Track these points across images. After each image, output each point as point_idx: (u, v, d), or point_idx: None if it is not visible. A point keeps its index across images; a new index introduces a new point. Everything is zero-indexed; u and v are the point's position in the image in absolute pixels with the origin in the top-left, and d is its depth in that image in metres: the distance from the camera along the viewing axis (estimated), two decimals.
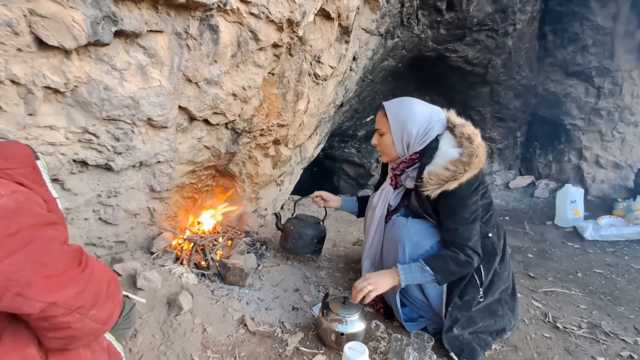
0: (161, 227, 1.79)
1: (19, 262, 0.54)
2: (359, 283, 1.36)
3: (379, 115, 1.48)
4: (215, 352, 1.26)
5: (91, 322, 0.64)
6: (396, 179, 1.53)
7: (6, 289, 0.54)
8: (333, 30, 1.98)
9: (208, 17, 1.29)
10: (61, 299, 0.58)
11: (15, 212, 0.54)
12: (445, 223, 1.36)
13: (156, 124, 1.38)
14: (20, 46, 0.92)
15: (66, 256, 0.62)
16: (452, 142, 1.40)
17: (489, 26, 3.33)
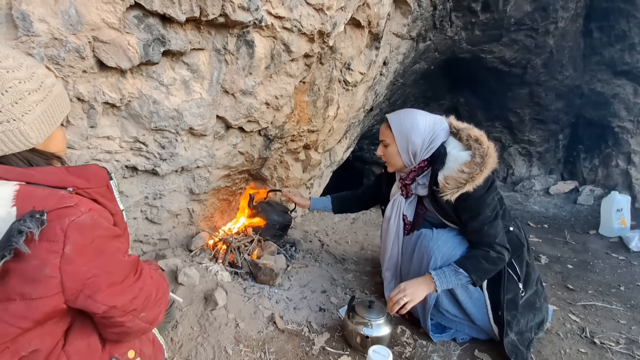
0: (199, 227, 1.92)
1: (92, 271, 0.64)
2: (395, 295, 1.36)
3: (383, 127, 1.51)
4: (247, 346, 1.34)
5: (141, 322, 0.74)
6: (406, 189, 1.55)
7: (81, 291, 0.63)
8: (363, 37, 2.02)
9: (244, 33, 1.38)
10: (119, 304, 0.68)
11: (91, 227, 0.63)
12: (470, 225, 1.37)
13: (196, 132, 1.49)
14: (85, 68, 1.05)
15: (126, 267, 0.72)
16: (459, 146, 1.43)
17: (527, 25, 3.19)
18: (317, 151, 2.36)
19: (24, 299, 0.59)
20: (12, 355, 0.60)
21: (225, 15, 1.25)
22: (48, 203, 0.60)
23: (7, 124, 0.62)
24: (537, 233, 3.18)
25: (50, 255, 0.59)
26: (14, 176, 0.61)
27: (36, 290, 0.59)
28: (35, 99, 0.65)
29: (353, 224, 3.09)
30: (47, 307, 0.61)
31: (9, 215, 0.57)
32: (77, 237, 0.61)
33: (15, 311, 0.59)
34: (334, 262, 2.15)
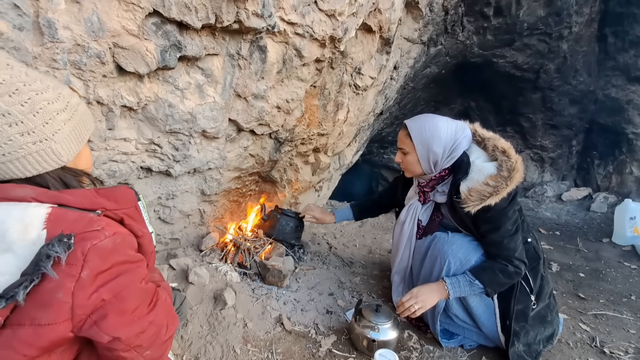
0: (210, 227, 1.95)
1: (103, 295, 0.62)
2: (407, 300, 1.36)
3: (402, 135, 1.47)
4: (255, 346, 1.37)
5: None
6: (424, 195, 1.54)
7: (88, 317, 0.61)
8: (374, 42, 2.03)
9: (258, 39, 1.41)
10: (124, 336, 0.64)
11: (112, 252, 0.62)
12: (489, 237, 1.36)
13: (209, 135, 1.53)
14: (105, 73, 1.09)
15: (141, 295, 0.69)
16: (483, 156, 1.41)
17: (541, 30, 3.16)
18: (326, 154, 2.37)
19: (32, 324, 0.57)
20: None
21: (240, 22, 1.28)
22: (77, 226, 0.61)
23: (40, 143, 0.64)
24: (549, 240, 3.13)
25: (66, 279, 0.58)
26: (47, 199, 0.62)
27: (46, 315, 0.57)
28: (63, 119, 0.68)
29: (361, 227, 3.09)
30: (54, 335, 0.59)
31: (39, 238, 0.58)
32: (96, 261, 0.60)
33: (22, 337, 0.57)
34: (342, 265, 2.16)
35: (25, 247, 0.57)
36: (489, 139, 1.44)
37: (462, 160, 1.38)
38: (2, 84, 0.60)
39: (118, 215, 0.70)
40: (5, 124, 0.60)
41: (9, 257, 0.56)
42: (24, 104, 0.62)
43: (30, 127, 0.62)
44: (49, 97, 0.66)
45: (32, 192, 0.62)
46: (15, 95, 0.61)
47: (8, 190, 0.61)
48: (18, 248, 0.56)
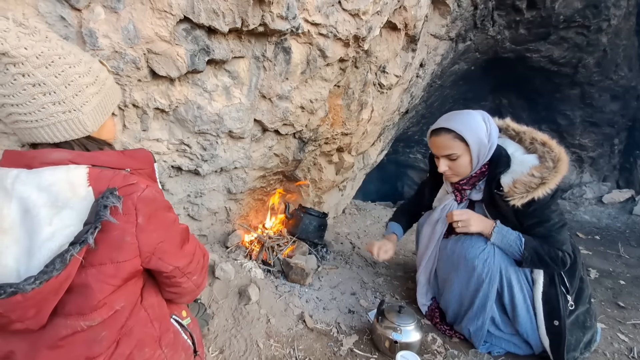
0: (236, 224, 2.01)
1: (160, 237, 0.76)
2: (457, 214, 1.39)
3: (445, 140, 1.36)
4: (277, 341, 1.40)
5: (192, 284, 0.88)
6: (461, 194, 1.50)
7: (153, 254, 0.75)
8: (399, 40, 2.01)
9: (282, 40, 1.44)
10: (181, 265, 0.82)
11: (153, 200, 0.74)
12: (535, 230, 1.33)
13: (235, 135, 1.58)
14: (140, 77, 1.16)
15: (182, 233, 0.84)
16: (520, 149, 1.38)
17: (578, 23, 2.99)
18: (350, 154, 2.37)
19: (112, 262, 0.69)
20: (109, 309, 0.71)
21: (265, 25, 1.31)
22: (115, 182, 0.70)
23: (69, 113, 0.70)
24: (588, 245, 2.95)
25: (128, 225, 0.69)
26: (82, 160, 0.71)
27: (121, 254, 0.70)
28: (92, 92, 0.74)
29: (386, 227, 3.06)
30: (130, 268, 0.72)
31: (88, 193, 0.67)
32: (145, 208, 0.71)
33: (107, 272, 0.69)
34: (365, 265, 2.15)
35: (79, 202, 0.66)
36: (525, 132, 1.40)
37: (500, 154, 1.35)
38: (40, 56, 0.65)
39: (141, 174, 0.81)
40: (39, 93, 0.66)
41: (68, 212, 0.65)
42: (57, 76, 0.67)
43: (61, 98, 0.69)
44: (80, 71, 0.71)
45: (68, 155, 0.70)
46: (51, 67, 0.66)
47: (46, 154, 0.69)
48: (73, 204, 0.66)
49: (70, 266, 0.62)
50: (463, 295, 1.45)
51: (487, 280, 1.37)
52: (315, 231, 2.14)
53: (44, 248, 0.62)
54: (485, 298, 1.39)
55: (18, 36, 0.63)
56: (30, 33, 0.65)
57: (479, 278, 1.37)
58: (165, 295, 0.89)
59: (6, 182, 0.65)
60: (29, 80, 0.64)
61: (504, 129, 1.46)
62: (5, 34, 0.61)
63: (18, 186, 0.64)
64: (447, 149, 1.37)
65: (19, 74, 0.63)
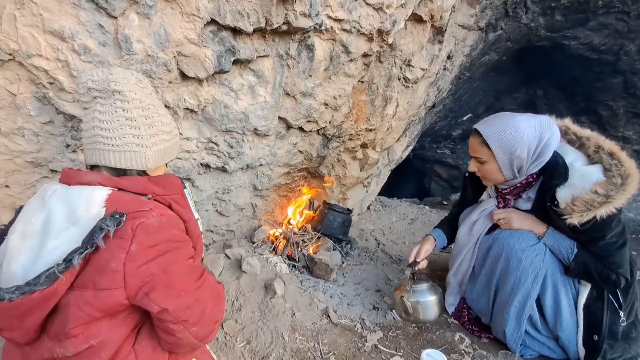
0: (261, 220, 2.06)
1: (151, 269, 0.69)
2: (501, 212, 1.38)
3: (474, 142, 1.33)
4: (302, 335, 1.42)
5: (191, 337, 0.76)
6: (505, 201, 1.43)
7: (140, 288, 0.69)
8: (425, 32, 1.96)
9: (305, 38, 1.45)
10: (171, 308, 0.71)
11: (157, 230, 0.71)
12: (590, 248, 1.22)
13: (260, 133, 1.61)
14: (171, 79, 1.21)
15: (188, 271, 0.76)
16: (582, 158, 1.25)
17: (618, 8, 2.78)
18: (375, 150, 2.35)
19: (94, 288, 0.66)
20: (84, 341, 0.67)
21: (288, 23, 1.32)
22: (130, 206, 0.71)
23: (141, 147, 0.81)
24: (631, 244, 2.75)
25: (118, 251, 0.66)
26: (109, 183, 0.75)
27: (103, 280, 0.66)
28: (164, 139, 0.86)
29: (411, 224, 3.01)
30: (111, 300, 0.67)
31: (99, 214, 0.68)
32: (143, 237, 0.68)
33: (86, 298, 0.66)
34: (390, 262, 2.14)
35: (88, 221, 0.67)
36: (589, 137, 1.27)
37: (557, 163, 1.23)
38: (142, 102, 0.81)
39: (166, 200, 0.82)
40: (127, 125, 0.79)
41: (75, 229, 0.68)
42: (147, 118, 0.82)
43: (142, 134, 0.81)
44: (164, 121, 0.87)
45: (98, 178, 0.76)
46: (145, 111, 0.82)
47: (82, 175, 0.76)
48: (83, 222, 0.68)
49: (56, 284, 0.62)
50: (501, 291, 1.39)
51: (531, 276, 1.30)
52: (340, 227, 2.15)
53: (42, 261, 0.65)
54: (527, 296, 1.32)
55: (133, 84, 0.80)
56: (142, 87, 0.82)
57: (524, 273, 1.30)
58: (161, 343, 0.78)
59: (46, 194, 0.72)
60: (126, 114, 0.79)
61: (563, 132, 1.33)
62: (126, 80, 0.79)
63: (52, 199, 0.70)
64: (475, 152, 1.34)
65: (121, 108, 0.79)
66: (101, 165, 0.80)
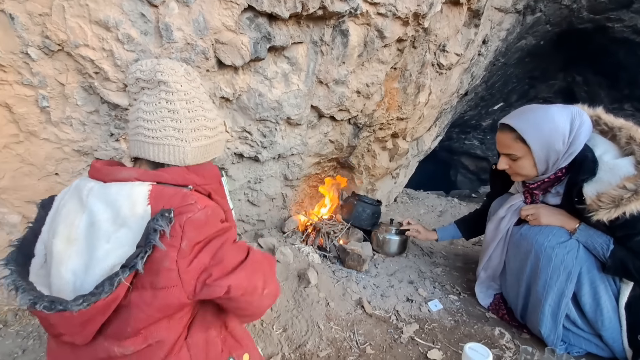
0: (291, 210, 2.06)
1: (203, 261, 0.69)
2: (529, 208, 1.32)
3: (506, 138, 1.25)
4: (337, 324, 1.42)
5: (268, 299, 0.79)
6: (532, 196, 1.36)
7: (197, 281, 0.68)
8: (461, 15, 1.87)
9: (340, 23, 1.42)
10: (234, 282, 0.71)
11: (204, 224, 0.70)
12: (627, 244, 1.15)
13: (293, 122, 1.60)
14: (208, 67, 1.22)
15: (235, 251, 0.76)
16: (613, 150, 1.17)
17: None
18: (405, 140, 2.30)
19: (152, 287, 0.65)
20: (143, 341, 0.67)
21: (324, 8, 1.29)
22: (174, 201, 0.68)
23: (180, 142, 0.78)
24: None
25: (170, 249, 0.65)
26: (147, 178, 0.71)
27: (160, 280, 0.65)
28: (206, 134, 0.82)
29: (440, 217, 2.94)
30: (169, 299, 0.66)
31: (146, 212, 0.66)
32: (192, 233, 0.67)
33: (145, 298, 0.65)
34: (421, 254, 2.09)
35: (136, 221, 0.66)
36: (621, 127, 1.19)
37: (585, 157, 1.16)
38: (186, 94, 0.78)
39: (206, 190, 0.79)
40: (169, 118, 0.77)
41: (125, 231, 0.66)
42: (189, 111, 0.79)
43: (182, 127, 0.78)
44: (209, 117, 0.83)
45: (134, 173, 0.71)
46: (189, 104, 0.79)
47: (117, 172, 0.72)
48: (131, 223, 0.66)
49: (118, 290, 0.62)
50: (533, 290, 1.33)
51: (564, 275, 1.24)
52: (369, 219, 2.12)
53: (98, 267, 0.64)
54: (561, 295, 1.26)
55: (180, 76, 0.78)
56: (189, 79, 0.80)
57: (555, 271, 1.25)
58: (242, 320, 0.82)
59: (82, 194, 0.69)
60: (168, 106, 0.77)
61: (594, 122, 1.24)
62: (173, 71, 0.77)
63: (91, 199, 0.68)
64: (507, 149, 1.26)
65: (165, 99, 0.77)
66: (142, 158, 0.79)
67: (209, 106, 0.84)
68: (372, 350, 1.31)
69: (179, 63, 0.80)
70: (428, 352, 1.32)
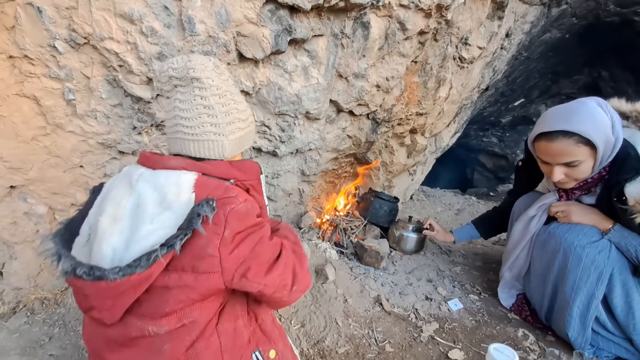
0: (308, 206, 2.05)
1: (243, 252, 0.72)
2: (559, 205, 1.27)
3: (565, 145, 1.13)
4: (355, 321, 1.40)
5: (296, 294, 0.81)
6: (567, 195, 1.30)
7: (235, 272, 0.71)
8: (485, 7, 1.82)
9: (361, 15, 1.39)
10: (269, 282, 0.75)
11: (245, 215, 0.72)
12: None
13: (311, 116, 1.58)
14: (229, 60, 1.21)
15: (270, 248, 0.79)
16: None
17: None
18: (423, 135, 2.25)
19: (193, 271, 0.68)
20: (177, 321, 0.70)
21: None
22: (217, 192, 0.71)
23: (218, 136, 0.80)
24: None
25: (213, 237, 0.68)
26: (194, 168, 0.75)
27: (202, 265, 0.68)
28: (240, 126, 0.85)
29: (458, 215, 2.88)
30: (210, 283, 0.69)
31: (190, 199, 0.69)
32: (234, 222, 0.70)
33: (186, 281, 0.68)
34: (440, 253, 2.05)
35: (180, 206, 0.69)
36: None
37: (627, 155, 1.09)
38: (219, 89, 0.80)
39: (245, 185, 0.81)
40: (205, 114, 0.78)
41: (169, 214, 0.69)
42: (223, 105, 0.80)
43: (219, 122, 0.80)
44: (240, 108, 0.85)
45: (182, 163, 0.75)
46: (222, 98, 0.80)
47: (166, 161, 0.76)
48: (176, 207, 0.69)
49: (153, 267, 0.64)
50: (560, 290, 1.28)
51: (594, 275, 1.19)
52: (386, 216, 2.09)
53: (138, 244, 0.66)
54: (590, 296, 1.21)
55: (211, 71, 0.79)
56: (219, 72, 0.81)
57: (585, 271, 1.20)
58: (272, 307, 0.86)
59: (132, 178, 0.73)
60: (204, 102, 0.78)
61: (634, 118, 1.17)
62: (204, 66, 0.78)
63: (140, 183, 0.71)
64: (568, 156, 1.14)
65: (199, 96, 0.78)
66: (183, 155, 0.81)
67: (239, 98, 0.86)
68: (392, 348, 1.28)
69: (207, 57, 0.81)
70: (449, 352, 1.29)
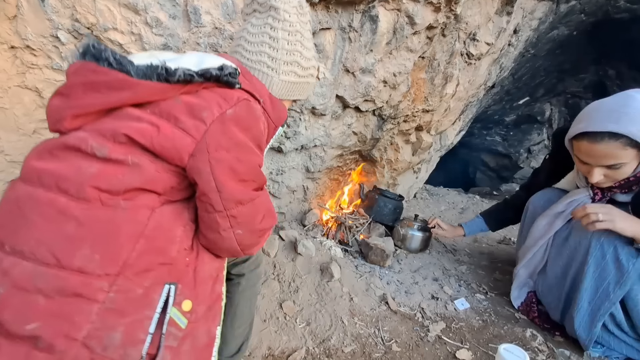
0: (312, 203, 2.03)
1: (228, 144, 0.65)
2: (592, 208, 1.13)
3: (611, 148, 1.08)
4: (361, 320, 1.38)
5: (234, 239, 0.69)
6: (602, 193, 1.26)
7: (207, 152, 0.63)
8: (494, 2, 1.79)
9: (370, 8, 1.36)
10: (226, 192, 0.65)
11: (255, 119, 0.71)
12: None
13: (317, 112, 1.56)
14: None
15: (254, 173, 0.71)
16: None
17: None
18: (429, 133, 2.22)
19: (173, 123, 0.62)
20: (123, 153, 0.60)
21: None
22: (246, 86, 0.72)
23: (270, 70, 0.80)
24: None
25: (215, 106, 0.64)
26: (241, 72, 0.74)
27: (185, 122, 0.62)
28: (296, 71, 0.82)
29: (462, 214, 2.86)
30: (178, 143, 0.62)
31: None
32: (242, 111, 0.67)
33: (160, 125, 0.62)
34: (445, 252, 2.03)
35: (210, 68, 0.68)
36: None
37: None
38: (291, 26, 0.79)
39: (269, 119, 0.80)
40: (267, 43, 0.78)
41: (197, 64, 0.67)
42: (289, 43, 0.79)
43: (277, 56, 0.79)
44: (306, 55, 0.83)
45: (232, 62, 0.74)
46: (290, 36, 0.79)
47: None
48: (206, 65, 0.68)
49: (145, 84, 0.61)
50: (576, 286, 1.25)
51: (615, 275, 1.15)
52: (390, 214, 2.07)
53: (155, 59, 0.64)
54: (606, 297, 1.18)
55: (292, 7, 0.78)
56: (300, 12, 0.80)
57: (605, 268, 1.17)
58: (200, 238, 0.70)
59: None
60: (271, 32, 0.78)
61: None
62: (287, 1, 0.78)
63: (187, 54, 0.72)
64: (612, 159, 1.09)
65: (269, 25, 0.78)
66: None
67: (309, 45, 0.84)
68: (399, 347, 1.26)
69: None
70: (457, 352, 1.27)
